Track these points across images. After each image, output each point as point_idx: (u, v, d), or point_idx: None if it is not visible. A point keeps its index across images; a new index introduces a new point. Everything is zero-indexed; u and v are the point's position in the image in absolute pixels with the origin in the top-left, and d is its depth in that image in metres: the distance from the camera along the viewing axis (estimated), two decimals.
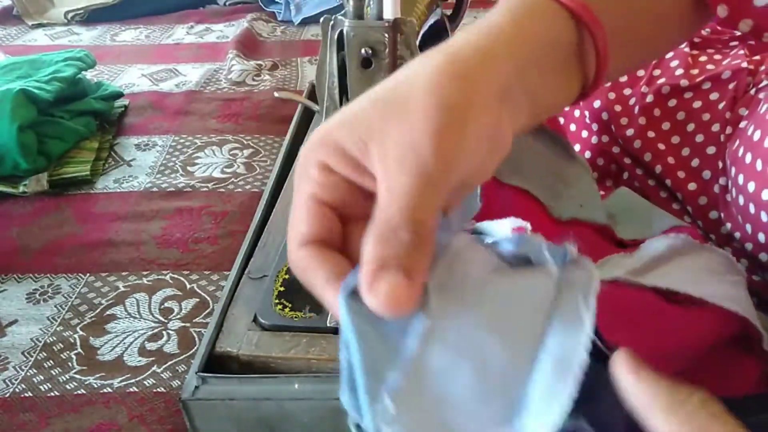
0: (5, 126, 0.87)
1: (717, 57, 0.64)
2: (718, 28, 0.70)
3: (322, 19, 0.47)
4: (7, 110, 0.88)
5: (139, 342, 0.64)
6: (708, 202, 0.59)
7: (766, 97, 0.54)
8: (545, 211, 0.54)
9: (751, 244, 0.54)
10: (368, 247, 0.23)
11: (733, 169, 0.54)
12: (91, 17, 1.62)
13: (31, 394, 0.59)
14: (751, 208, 0.52)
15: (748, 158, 0.52)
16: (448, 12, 0.67)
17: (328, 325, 0.53)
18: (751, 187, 0.51)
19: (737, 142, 0.54)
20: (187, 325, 0.66)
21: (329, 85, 0.49)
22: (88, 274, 0.74)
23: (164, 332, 0.65)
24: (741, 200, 0.53)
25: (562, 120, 0.71)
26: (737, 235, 0.55)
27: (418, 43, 0.47)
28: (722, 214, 0.57)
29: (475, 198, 0.48)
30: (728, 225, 0.56)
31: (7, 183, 0.89)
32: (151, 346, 0.64)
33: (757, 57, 0.62)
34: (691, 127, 0.61)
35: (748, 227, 0.53)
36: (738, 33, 0.67)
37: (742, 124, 0.55)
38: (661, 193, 0.63)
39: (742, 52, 0.63)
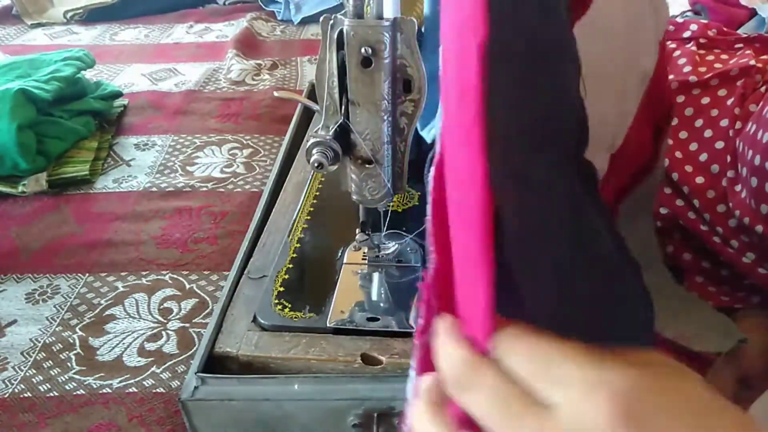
0: (4, 126, 0.87)
1: (724, 56, 0.65)
2: (724, 29, 0.71)
3: (321, 19, 0.47)
4: (6, 110, 0.88)
5: (138, 342, 0.64)
6: (716, 196, 0.59)
7: None
8: None
9: (761, 227, 0.54)
10: None
11: (750, 152, 0.54)
12: (90, 17, 1.62)
13: (30, 395, 0.59)
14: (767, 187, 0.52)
15: (767, 138, 0.52)
16: None
17: (327, 325, 0.53)
18: None
19: (753, 127, 0.55)
20: (187, 325, 0.66)
21: (329, 85, 0.48)
22: (87, 275, 0.74)
23: (163, 332, 0.65)
24: (755, 182, 0.53)
25: None
26: (746, 220, 0.55)
27: (417, 42, 0.47)
28: (731, 204, 0.58)
29: None
30: (737, 213, 0.57)
31: (6, 183, 0.89)
32: (151, 346, 0.64)
33: (765, 56, 0.63)
34: (699, 122, 0.61)
35: (764, 208, 0.53)
36: (743, 35, 0.67)
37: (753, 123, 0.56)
38: (666, 190, 0.63)
39: (748, 52, 0.63)
